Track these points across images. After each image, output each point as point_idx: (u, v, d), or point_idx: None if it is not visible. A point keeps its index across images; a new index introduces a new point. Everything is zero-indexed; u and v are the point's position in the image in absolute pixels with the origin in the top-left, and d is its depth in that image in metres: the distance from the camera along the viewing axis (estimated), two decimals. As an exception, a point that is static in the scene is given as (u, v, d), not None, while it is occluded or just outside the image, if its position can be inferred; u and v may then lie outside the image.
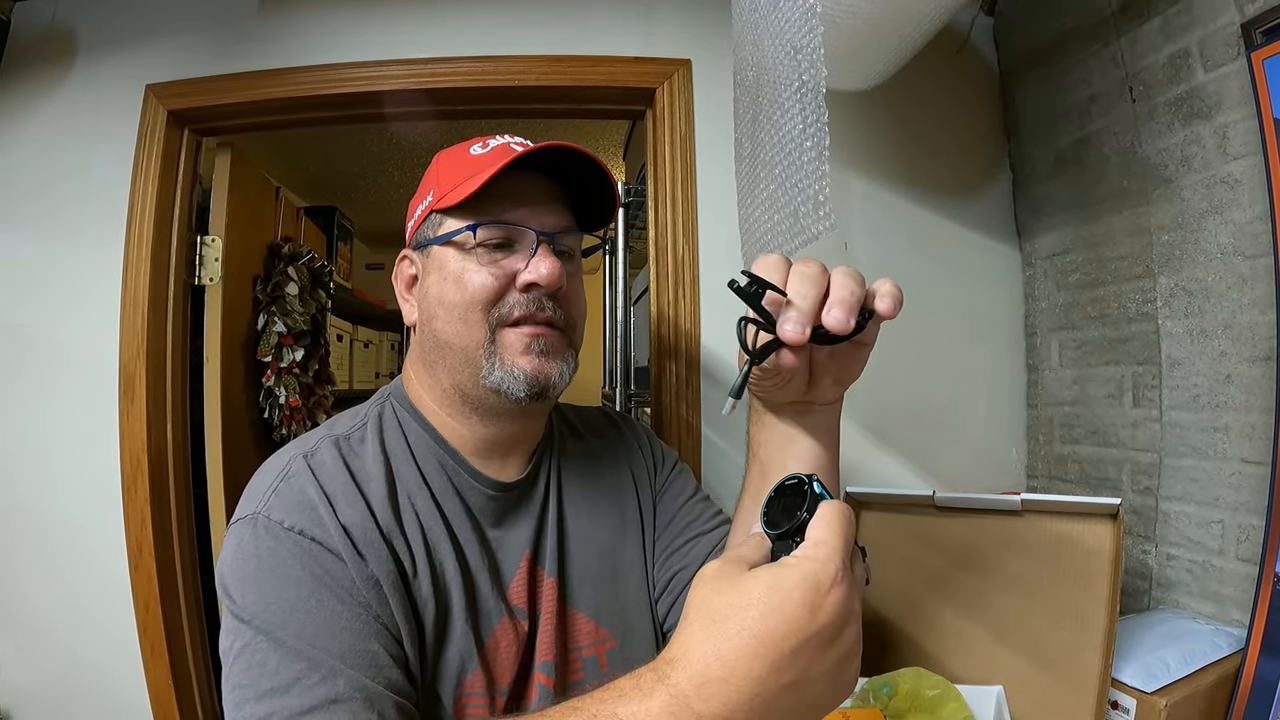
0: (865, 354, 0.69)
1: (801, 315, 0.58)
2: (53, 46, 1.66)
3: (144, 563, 1.54)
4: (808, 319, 0.58)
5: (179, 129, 1.65)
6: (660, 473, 1.02)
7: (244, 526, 0.71)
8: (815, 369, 0.70)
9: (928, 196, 1.69)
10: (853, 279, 0.60)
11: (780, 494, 0.55)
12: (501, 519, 0.86)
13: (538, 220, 0.81)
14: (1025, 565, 1.11)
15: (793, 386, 0.70)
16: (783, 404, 0.74)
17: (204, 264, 1.75)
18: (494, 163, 0.77)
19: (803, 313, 0.58)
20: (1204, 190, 1.21)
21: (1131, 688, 1.01)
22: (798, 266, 0.61)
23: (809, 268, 0.61)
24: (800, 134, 0.83)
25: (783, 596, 0.45)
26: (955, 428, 1.68)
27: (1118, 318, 1.40)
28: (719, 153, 1.60)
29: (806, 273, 0.60)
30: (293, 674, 0.62)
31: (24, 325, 1.60)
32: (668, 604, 0.93)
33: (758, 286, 0.59)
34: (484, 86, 1.63)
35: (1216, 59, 1.17)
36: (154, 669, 1.54)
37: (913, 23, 1.15)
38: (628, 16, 1.66)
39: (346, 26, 1.65)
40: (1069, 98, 1.51)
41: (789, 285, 0.60)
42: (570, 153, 0.80)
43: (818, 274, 0.60)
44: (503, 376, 0.79)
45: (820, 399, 0.73)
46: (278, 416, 2.10)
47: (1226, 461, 1.18)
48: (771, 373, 0.66)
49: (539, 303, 0.80)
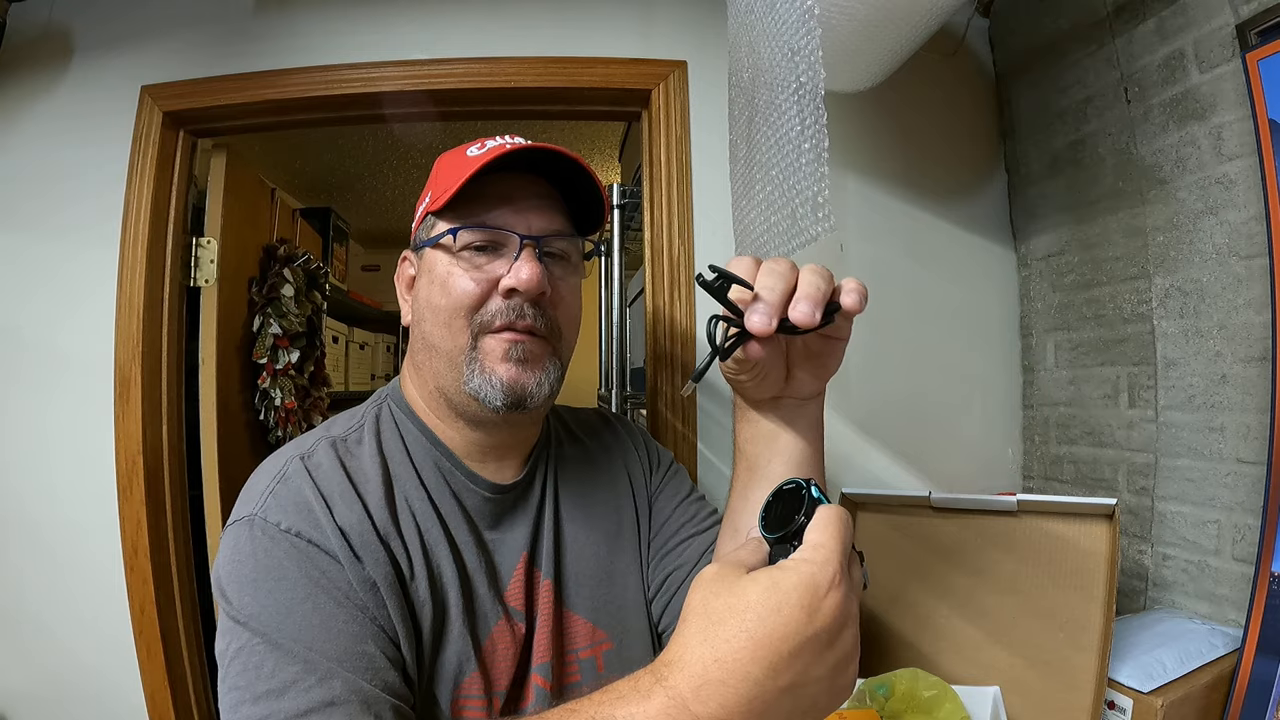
0: (840, 348, 0.70)
1: (768, 308, 0.60)
2: (48, 47, 1.65)
3: (139, 564, 1.53)
4: (774, 311, 0.60)
5: (174, 130, 1.65)
6: (655, 474, 1.02)
7: (240, 528, 0.71)
8: (792, 363, 0.71)
9: (924, 198, 1.70)
10: (820, 275, 0.62)
11: (778, 498, 0.55)
12: (498, 521, 0.86)
13: (524, 223, 0.80)
14: (1021, 566, 1.11)
15: (770, 381, 0.71)
16: (764, 399, 0.75)
17: (199, 266, 1.75)
18: (482, 163, 0.77)
19: (770, 305, 0.60)
20: (1199, 191, 1.21)
21: (1128, 688, 1.01)
22: (767, 264, 0.63)
23: (778, 264, 0.62)
24: (798, 136, 0.83)
25: (780, 599, 0.46)
26: (951, 428, 1.68)
27: (1113, 318, 1.40)
28: (714, 154, 1.60)
29: (775, 269, 0.62)
30: (289, 676, 0.62)
31: (19, 326, 1.59)
32: (662, 604, 0.93)
33: (723, 280, 0.61)
34: (480, 88, 1.63)
35: (1211, 60, 1.17)
36: (150, 670, 1.53)
37: (908, 25, 1.15)
38: (624, 18, 1.66)
39: (343, 27, 1.65)
40: (1064, 99, 1.52)
41: (758, 280, 0.61)
42: (554, 153, 0.79)
43: (786, 270, 0.62)
44: (481, 384, 0.78)
45: (799, 393, 0.74)
46: (273, 418, 2.09)
47: (1222, 461, 1.18)
48: (745, 365, 0.67)
49: (519, 309, 0.78)
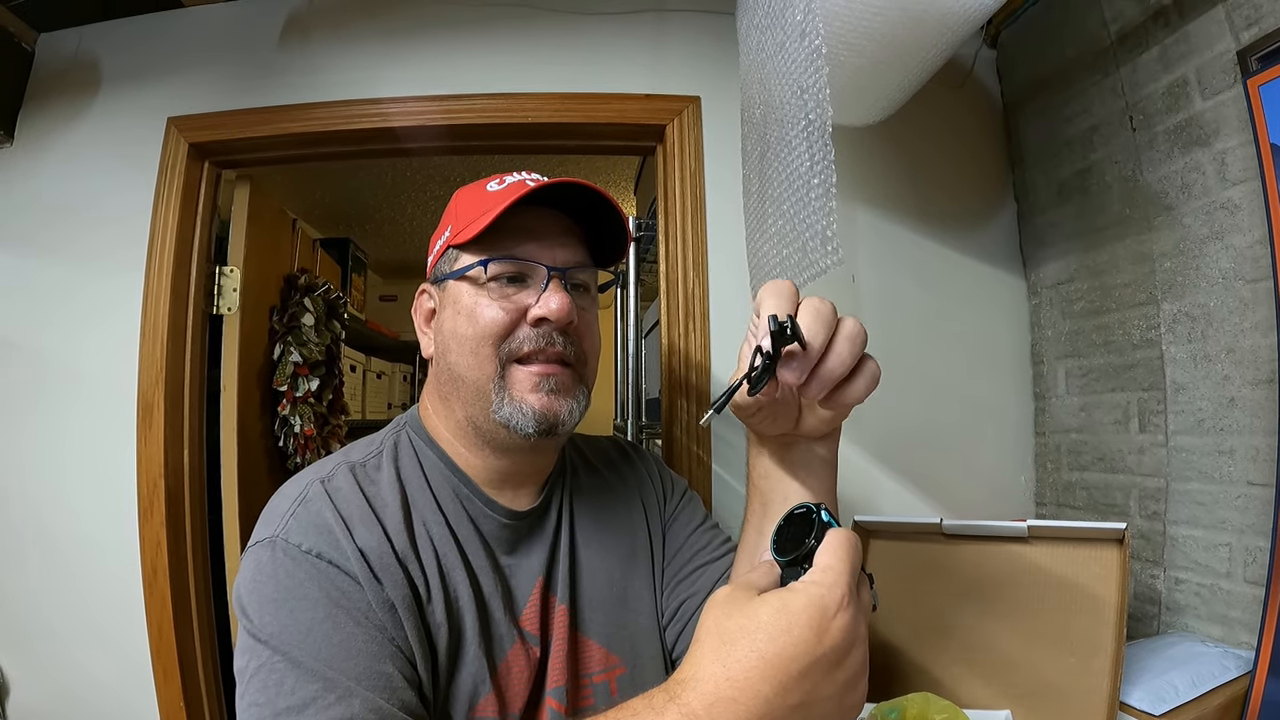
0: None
1: (807, 363, 0.61)
2: (76, 77, 1.71)
3: (158, 586, 1.55)
4: (809, 365, 0.61)
5: (199, 162, 1.70)
6: (670, 501, 1.04)
7: (262, 549, 0.72)
8: (804, 404, 0.72)
9: (934, 228, 1.72)
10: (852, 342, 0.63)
11: (789, 522, 0.57)
12: (515, 547, 0.87)
13: (550, 255, 0.83)
14: (1033, 591, 1.12)
15: (781, 421, 0.73)
16: (775, 436, 0.77)
17: (222, 294, 1.78)
18: (508, 198, 0.79)
19: (809, 359, 0.61)
20: (1204, 216, 1.22)
21: (1140, 711, 1.01)
22: (814, 305, 0.63)
23: (823, 310, 0.62)
24: (808, 171, 0.85)
25: (790, 620, 0.47)
26: (964, 456, 1.69)
27: (1122, 344, 1.41)
28: (728, 188, 1.62)
29: (820, 316, 0.62)
30: (309, 694, 0.63)
31: (43, 349, 1.63)
32: (676, 631, 0.93)
33: (792, 330, 0.60)
34: (497, 123, 1.66)
35: (1214, 86, 1.19)
36: (166, 692, 1.55)
37: (916, 59, 1.17)
38: (638, 54, 1.70)
39: (363, 63, 1.69)
40: (1071, 128, 1.54)
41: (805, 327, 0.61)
42: (582, 188, 0.82)
43: (830, 319, 0.62)
44: (511, 412, 0.80)
45: (810, 433, 0.75)
46: (292, 445, 2.12)
47: (1232, 484, 1.18)
48: (751, 407, 0.69)
49: (549, 337, 0.80)
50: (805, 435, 0.75)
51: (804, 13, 0.90)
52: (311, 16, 1.71)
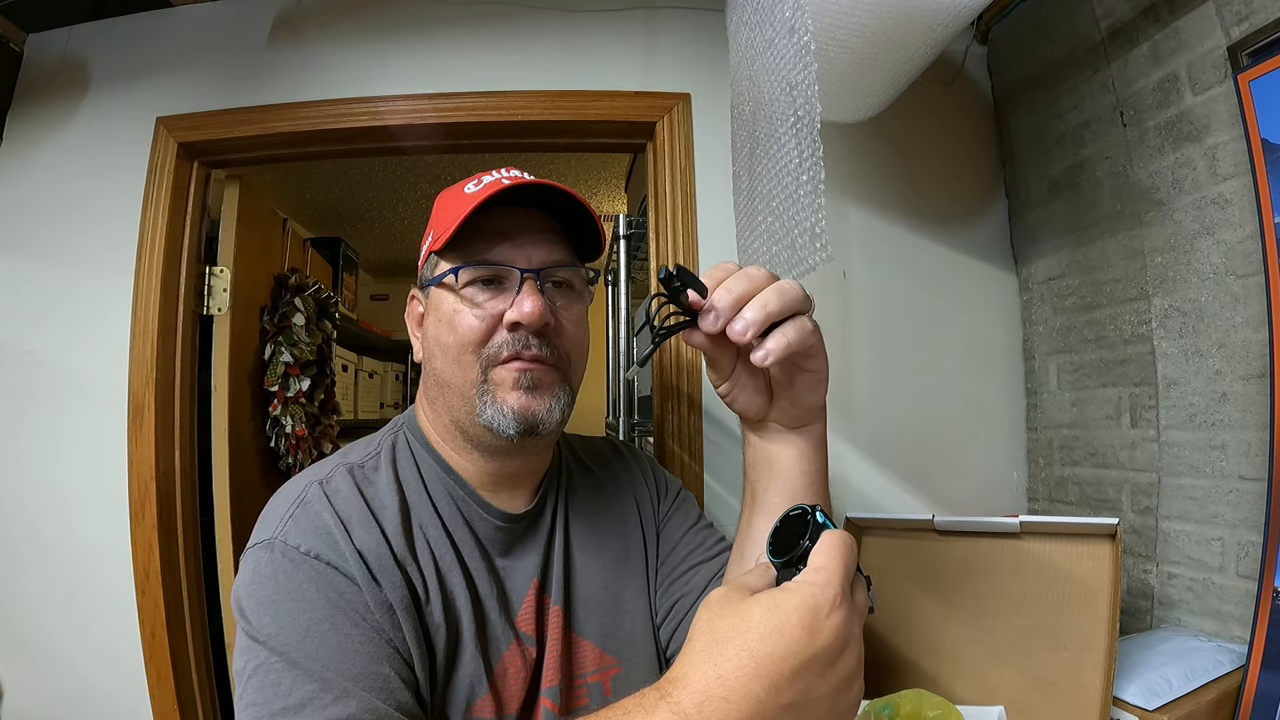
0: (812, 379, 0.73)
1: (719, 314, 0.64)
2: (65, 77, 1.70)
3: (151, 589, 1.54)
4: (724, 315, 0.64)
5: (189, 161, 1.69)
6: (664, 502, 1.04)
7: (261, 551, 0.72)
8: (775, 390, 0.74)
9: (925, 224, 1.72)
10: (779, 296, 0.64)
11: (785, 523, 0.57)
12: (510, 549, 0.87)
13: (524, 256, 0.81)
14: (1025, 586, 1.12)
15: (749, 396, 0.75)
16: (757, 422, 0.78)
17: (212, 294, 1.78)
18: (477, 201, 0.78)
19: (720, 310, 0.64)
20: (1195, 212, 1.23)
21: (1134, 706, 1.01)
22: (745, 270, 0.66)
23: (754, 272, 0.66)
24: (796, 168, 0.85)
25: (782, 619, 0.47)
26: (956, 452, 1.69)
27: (1114, 340, 1.41)
28: (718, 185, 1.62)
29: (749, 274, 0.66)
30: (306, 694, 0.63)
31: (34, 352, 1.62)
32: (670, 630, 0.94)
33: (679, 276, 0.63)
34: (488, 121, 1.66)
35: (1204, 82, 1.19)
36: (159, 694, 1.54)
37: (906, 55, 1.17)
38: (628, 51, 1.70)
39: (352, 61, 1.69)
40: (1062, 124, 1.54)
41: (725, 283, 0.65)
42: (553, 187, 0.81)
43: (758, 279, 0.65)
44: (494, 414, 0.79)
45: (784, 421, 0.76)
46: (284, 445, 2.11)
47: (1224, 479, 1.19)
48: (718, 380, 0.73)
49: (525, 341, 0.79)
50: (779, 422, 0.77)
51: (793, 9, 0.90)
52: (301, 15, 1.71)
